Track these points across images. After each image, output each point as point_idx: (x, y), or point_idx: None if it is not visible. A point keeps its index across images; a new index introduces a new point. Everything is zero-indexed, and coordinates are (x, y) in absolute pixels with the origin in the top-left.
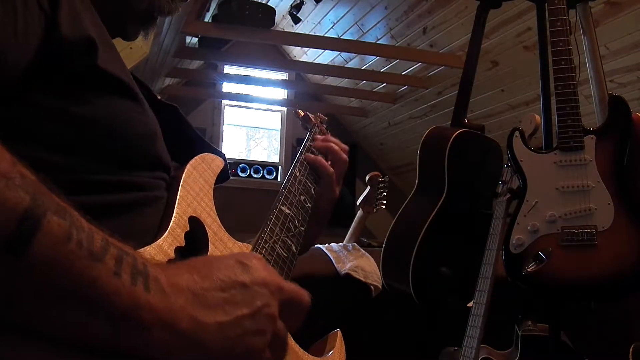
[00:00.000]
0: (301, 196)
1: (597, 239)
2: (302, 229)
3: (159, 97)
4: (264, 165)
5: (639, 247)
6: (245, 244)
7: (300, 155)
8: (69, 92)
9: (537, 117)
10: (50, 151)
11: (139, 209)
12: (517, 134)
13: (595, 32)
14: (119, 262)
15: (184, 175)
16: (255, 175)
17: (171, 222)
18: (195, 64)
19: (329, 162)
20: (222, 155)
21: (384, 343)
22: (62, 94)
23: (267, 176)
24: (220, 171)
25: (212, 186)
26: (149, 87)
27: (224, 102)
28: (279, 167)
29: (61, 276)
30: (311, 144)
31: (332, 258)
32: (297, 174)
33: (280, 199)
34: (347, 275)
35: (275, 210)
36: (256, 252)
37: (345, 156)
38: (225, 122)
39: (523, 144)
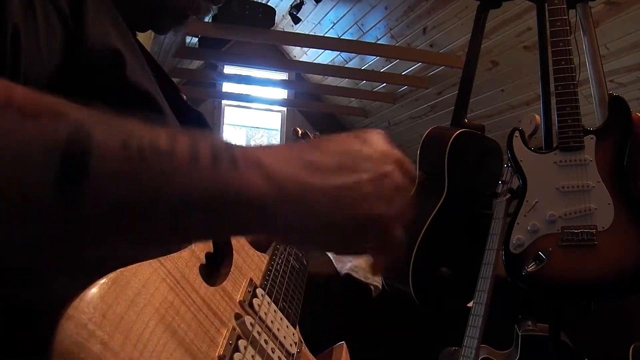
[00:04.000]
0: None
1: (597, 239)
2: None
3: (185, 98)
4: None
5: (639, 247)
6: (263, 254)
7: None
8: (93, 99)
9: (537, 117)
10: None
11: None
12: (517, 134)
13: (595, 32)
14: (194, 149)
15: None
16: None
17: None
18: (195, 64)
19: None
20: None
21: (384, 343)
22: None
23: None
24: None
25: None
26: (177, 88)
27: (224, 102)
28: None
29: (133, 189)
30: None
31: (332, 258)
32: None
33: None
34: (347, 275)
35: None
36: (273, 263)
37: None
38: (225, 122)
39: (523, 144)
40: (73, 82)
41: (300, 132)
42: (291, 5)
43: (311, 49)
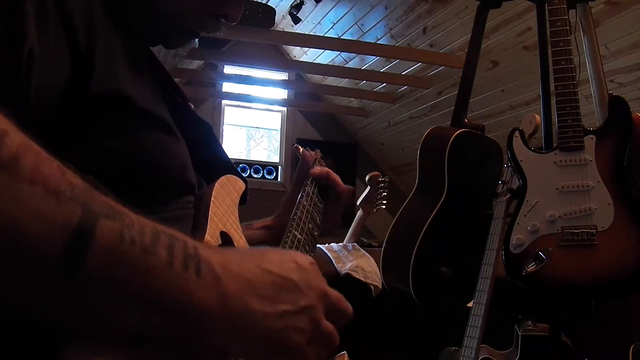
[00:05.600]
0: (309, 224)
1: (597, 239)
2: (312, 254)
3: (192, 106)
4: (264, 165)
5: (639, 247)
6: None
7: (305, 187)
8: (103, 126)
9: (537, 117)
10: None
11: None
12: (517, 134)
13: (595, 32)
14: (170, 250)
15: (213, 192)
16: (255, 175)
17: (206, 234)
18: (195, 64)
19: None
20: (244, 179)
21: (384, 343)
22: (97, 128)
23: (267, 176)
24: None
25: (237, 205)
26: (185, 98)
27: (224, 102)
28: (279, 167)
29: (119, 278)
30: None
31: (332, 258)
32: (305, 204)
33: (293, 225)
34: (347, 275)
35: (290, 234)
36: None
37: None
38: (225, 122)
39: (523, 144)
40: (81, 103)
41: (300, 149)
42: (291, 5)
43: (311, 49)
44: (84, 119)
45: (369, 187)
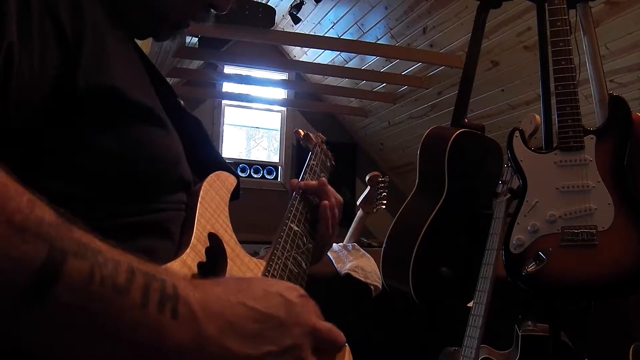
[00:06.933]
0: (307, 214)
1: (597, 239)
2: (310, 245)
3: (182, 103)
4: (263, 165)
5: (639, 247)
6: (259, 260)
7: (304, 174)
8: (94, 121)
9: (537, 117)
10: (74, 183)
11: (160, 228)
12: (517, 134)
13: (595, 32)
14: (146, 291)
15: (201, 192)
16: (255, 175)
17: (192, 238)
18: (195, 64)
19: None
20: (235, 174)
21: (384, 343)
22: (88, 124)
23: (267, 176)
24: (233, 189)
25: (227, 203)
26: (175, 94)
27: (224, 102)
28: (279, 167)
29: (86, 317)
30: (314, 162)
31: (332, 258)
32: (297, 200)
33: (289, 217)
34: (347, 275)
35: (285, 227)
36: (270, 268)
37: (336, 211)
38: (225, 122)
39: (523, 144)
40: (71, 100)
41: (302, 133)
42: (291, 5)
43: (311, 49)
44: (75, 115)
45: (369, 187)
